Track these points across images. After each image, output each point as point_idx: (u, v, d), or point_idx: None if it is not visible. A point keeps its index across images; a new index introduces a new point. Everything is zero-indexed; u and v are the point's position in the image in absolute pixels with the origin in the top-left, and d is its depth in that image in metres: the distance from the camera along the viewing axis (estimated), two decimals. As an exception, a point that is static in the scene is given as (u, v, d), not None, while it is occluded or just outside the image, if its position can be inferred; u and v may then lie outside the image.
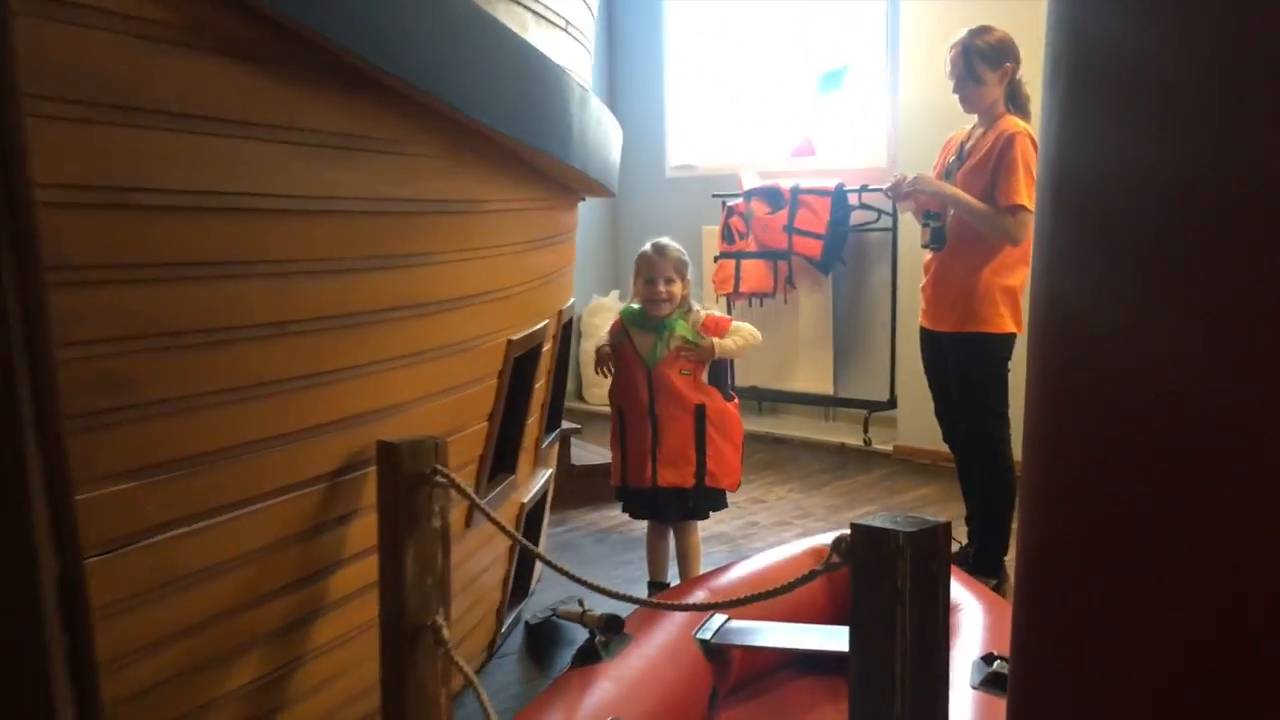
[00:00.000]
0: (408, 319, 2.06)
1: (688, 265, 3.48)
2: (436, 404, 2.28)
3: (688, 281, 3.47)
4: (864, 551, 1.47)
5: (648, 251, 3.47)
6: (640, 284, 3.46)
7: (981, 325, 3.56)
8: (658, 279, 3.41)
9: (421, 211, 1.99)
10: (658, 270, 3.41)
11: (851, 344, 6.58)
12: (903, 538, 1.44)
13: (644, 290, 3.44)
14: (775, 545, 4.39)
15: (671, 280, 3.42)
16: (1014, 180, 3.43)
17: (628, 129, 7.82)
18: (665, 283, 3.41)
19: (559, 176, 2.66)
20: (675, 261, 3.44)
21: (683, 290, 3.45)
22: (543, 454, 3.46)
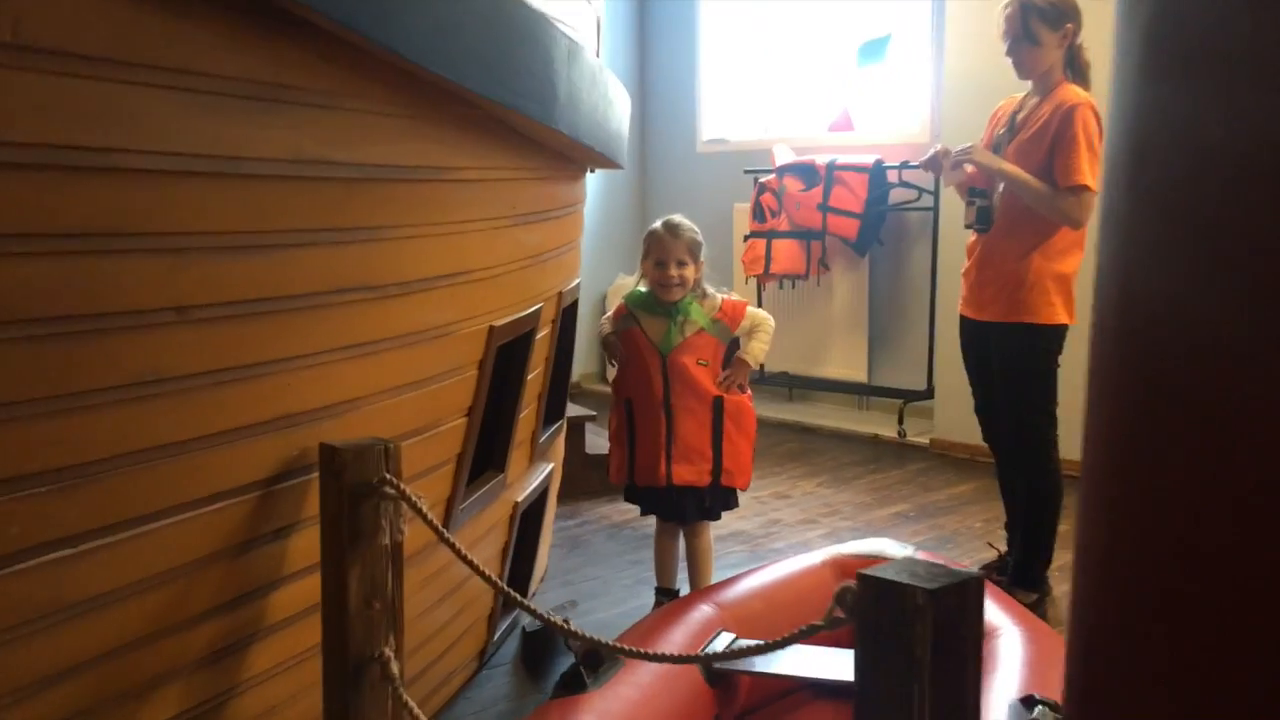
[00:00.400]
0: (355, 304, 1.78)
1: (701, 246, 3.17)
2: (399, 400, 2.00)
3: (701, 264, 3.17)
4: (874, 610, 1.17)
5: (658, 230, 3.17)
6: (649, 266, 3.16)
7: (1030, 315, 3.22)
8: (669, 261, 3.11)
9: (369, 178, 1.71)
10: (669, 251, 3.11)
11: (887, 330, 6.24)
12: (923, 595, 1.13)
13: (653, 273, 3.14)
14: (798, 546, 4.10)
15: (684, 263, 3.12)
16: (1075, 157, 3.09)
17: (659, 101, 7.54)
18: (677, 265, 3.11)
19: (549, 142, 2.36)
20: (688, 242, 3.14)
21: (696, 273, 3.14)
22: (542, 447, 3.18)
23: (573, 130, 2.19)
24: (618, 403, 3.25)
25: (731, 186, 6.81)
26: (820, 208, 6.00)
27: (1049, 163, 3.15)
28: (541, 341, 2.86)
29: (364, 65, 1.61)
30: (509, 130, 2.18)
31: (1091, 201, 3.14)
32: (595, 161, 2.93)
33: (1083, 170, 3.09)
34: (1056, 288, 3.22)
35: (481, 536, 2.74)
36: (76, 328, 1.31)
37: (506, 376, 2.65)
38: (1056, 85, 3.23)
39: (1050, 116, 3.17)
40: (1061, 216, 3.15)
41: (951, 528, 4.35)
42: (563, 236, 2.91)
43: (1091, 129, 3.13)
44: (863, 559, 2.96)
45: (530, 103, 1.93)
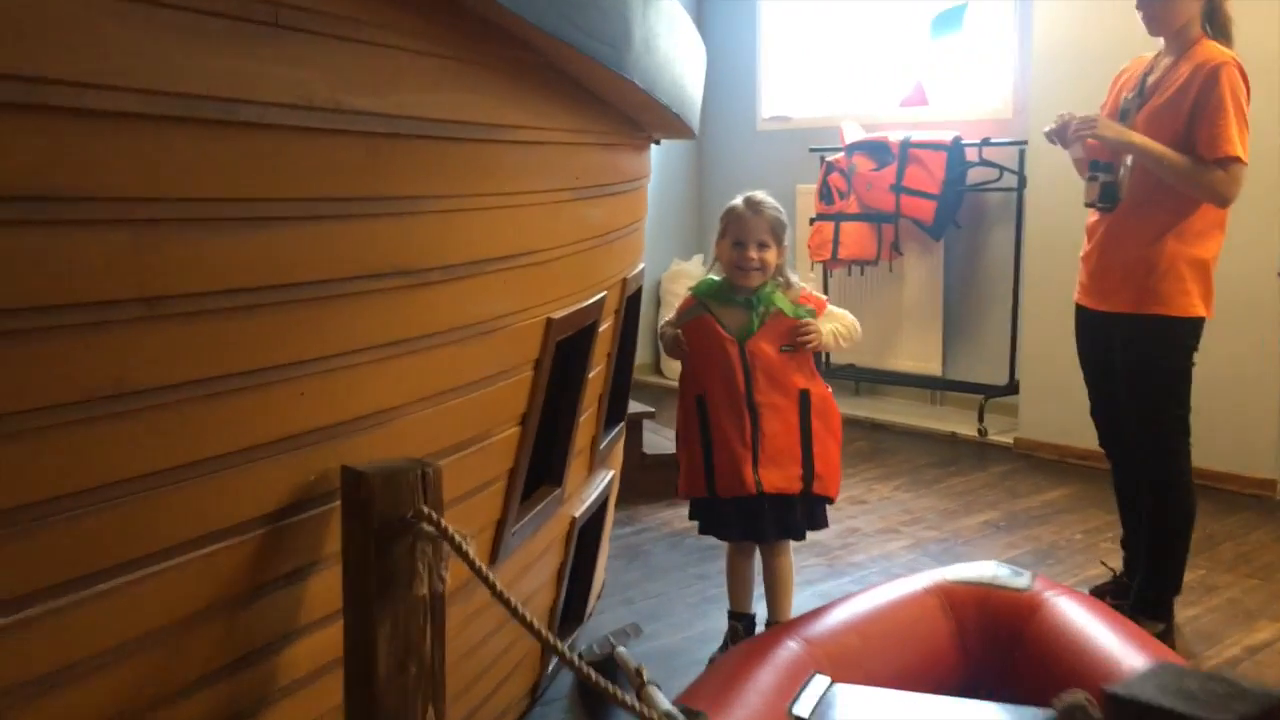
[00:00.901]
0: (386, 292, 1.42)
1: (785, 228, 2.80)
2: (441, 409, 1.64)
3: (784, 249, 2.79)
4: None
5: (738, 207, 2.79)
6: (726, 246, 2.78)
7: (1163, 306, 2.81)
8: (748, 241, 2.73)
9: (400, 133, 1.35)
10: (749, 231, 2.73)
11: (965, 320, 5.81)
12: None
13: (731, 254, 2.76)
14: (879, 560, 3.72)
15: (765, 244, 2.74)
16: (1223, 124, 2.67)
17: (716, 75, 7.08)
18: (758, 247, 2.73)
19: (617, 99, 1.99)
20: (771, 221, 2.76)
21: (778, 258, 2.77)
22: (602, 454, 2.82)
23: (648, 83, 1.81)
24: (686, 400, 2.85)
25: (795, 166, 6.41)
26: (893, 188, 5.59)
27: (1189, 131, 2.73)
28: (604, 335, 2.50)
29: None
30: (570, 83, 1.81)
31: (1241, 175, 2.72)
32: (667, 127, 2.55)
33: (1232, 139, 2.67)
34: (1193, 275, 2.80)
35: (536, 559, 2.39)
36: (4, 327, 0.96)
37: (566, 376, 2.30)
38: (1195, 42, 2.81)
39: (1190, 78, 2.75)
40: (1207, 193, 2.73)
41: (1048, 539, 3.94)
42: (628, 214, 2.54)
43: (1240, 92, 2.71)
44: (973, 587, 2.58)
45: (600, 44, 1.56)
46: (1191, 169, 2.71)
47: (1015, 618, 2.48)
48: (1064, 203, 4.79)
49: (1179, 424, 2.88)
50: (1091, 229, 3.00)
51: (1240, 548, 3.80)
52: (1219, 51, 2.75)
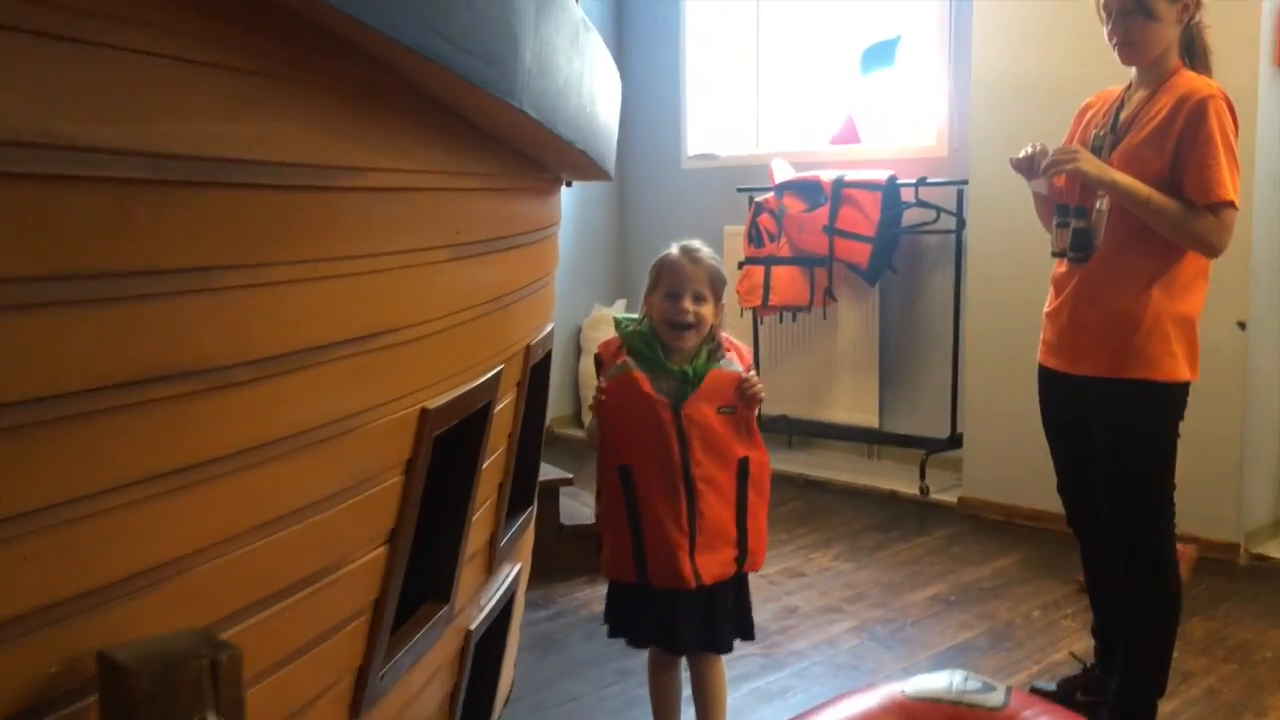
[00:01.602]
0: (163, 404, 1.00)
1: (724, 283, 2.45)
2: (259, 547, 1.21)
3: (722, 306, 2.43)
4: None
5: (673, 255, 2.42)
6: (659, 299, 2.40)
7: (1147, 369, 2.47)
8: (684, 293, 2.36)
9: (183, 180, 0.93)
10: (685, 281, 2.37)
11: (903, 369, 5.50)
12: None
13: (663, 307, 2.38)
14: (823, 647, 3.33)
15: (702, 297, 2.38)
16: (1214, 166, 2.36)
17: (639, 110, 6.75)
18: (694, 299, 2.37)
19: (507, 134, 1.59)
20: (710, 273, 2.41)
21: (714, 317, 2.40)
22: (505, 549, 2.40)
23: (544, 113, 1.42)
24: (608, 471, 2.42)
25: (722, 207, 6.07)
26: (826, 230, 5.27)
27: (1174, 172, 2.42)
28: (502, 414, 2.08)
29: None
30: (446, 112, 1.41)
31: (1234, 221, 2.41)
32: (576, 167, 2.17)
33: (1224, 182, 2.36)
34: (1179, 334, 2.48)
35: (419, 691, 1.95)
36: None
37: (452, 472, 1.88)
38: (1173, 73, 2.50)
39: (1173, 112, 2.43)
40: (1196, 241, 2.41)
41: (1004, 617, 3.59)
42: (531, 270, 2.14)
43: (1229, 128, 2.40)
44: (939, 706, 2.20)
45: (477, 62, 1.17)
46: (1181, 214, 2.39)
47: (991, 746, 2.11)
48: (1006, 246, 4.51)
49: (1163, 503, 2.55)
50: (1060, 281, 2.66)
51: (1210, 624, 3.49)
52: (1204, 83, 2.44)
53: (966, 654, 3.29)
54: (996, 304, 4.62)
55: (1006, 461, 4.58)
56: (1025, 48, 4.49)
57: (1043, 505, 4.23)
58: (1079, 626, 3.41)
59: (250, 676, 1.29)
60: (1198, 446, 3.84)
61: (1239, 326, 3.95)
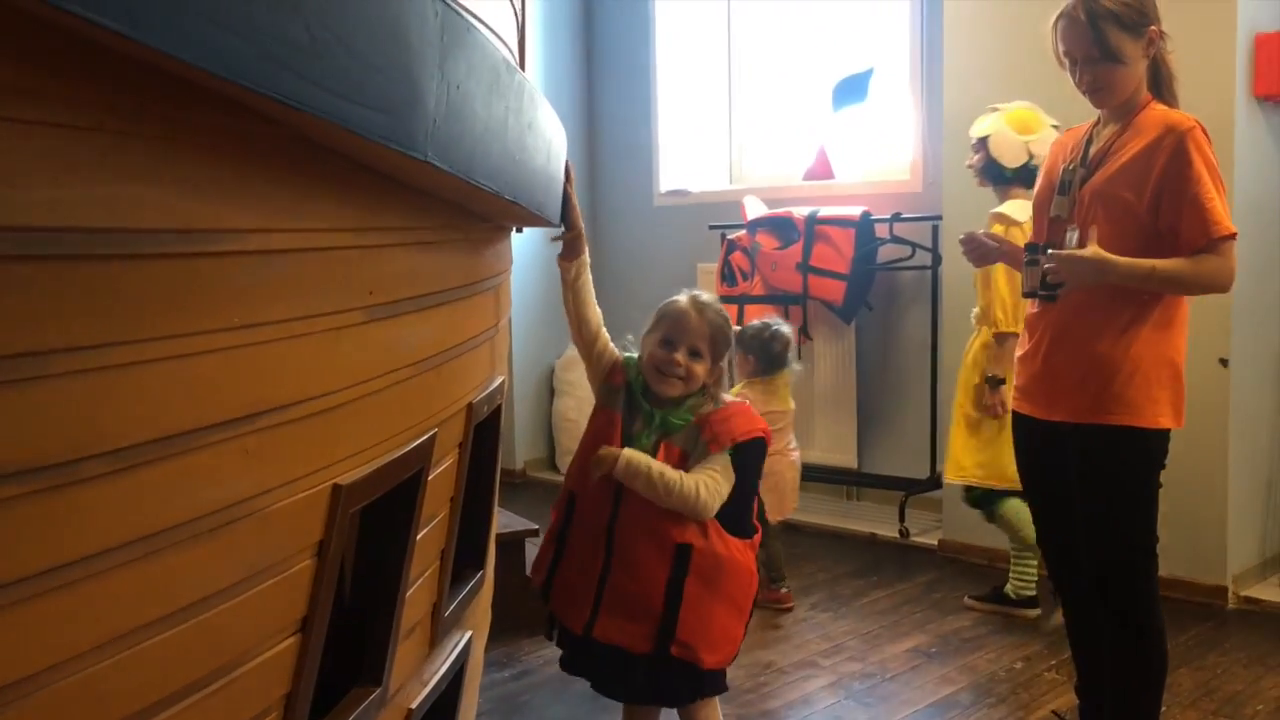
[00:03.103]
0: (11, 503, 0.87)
1: (729, 344, 2.36)
2: (136, 652, 1.08)
3: (720, 369, 2.33)
4: None
5: (680, 302, 2.35)
6: (654, 341, 2.32)
7: (1128, 415, 2.35)
8: (679, 344, 2.28)
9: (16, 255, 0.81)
10: (684, 332, 2.29)
11: (880, 408, 5.39)
12: None
13: (655, 352, 2.30)
14: (799, 707, 3.19)
15: (698, 354, 2.29)
16: (1209, 201, 2.27)
17: (610, 147, 6.66)
18: (689, 354, 2.28)
19: (424, 185, 1.47)
20: (713, 329, 2.31)
21: (708, 376, 2.30)
22: (451, 619, 2.26)
23: (458, 164, 1.30)
24: (564, 490, 2.45)
25: (695, 244, 5.97)
26: (800, 268, 5.17)
27: (1152, 211, 2.31)
28: (440, 479, 1.95)
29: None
30: (350, 166, 1.29)
31: (1234, 252, 2.31)
32: (513, 215, 2.05)
33: (1220, 217, 2.27)
34: (1160, 377, 2.36)
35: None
36: None
37: (380, 545, 1.74)
38: (1142, 106, 2.41)
39: (1149, 150, 2.33)
40: (1210, 286, 2.32)
41: (985, 669, 3.46)
42: (472, 324, 2.01)
43: (1211, 158, 2.31)
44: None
45: (367, 111, 1.05)
46: (1188, 271, 2.28)
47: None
48: (984, 283, 4.41)
49: (1146, 556, 2.42)
50: (1033, 323, 2.55)
51: (1199, 675, 3.36)
52: (1179, 116, 2.35)
53: (948, 712, 3.15)
54: (973, 341, 4.51)
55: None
56: (995, 81, 4.41)
57: (1025, 548, 4.11)
58: (1063, 680, 3.28)
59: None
60: (1182, 486, 3.73)
61: (1221, 363, 3.85)
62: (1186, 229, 2.29)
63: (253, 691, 1.36)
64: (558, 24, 6.45)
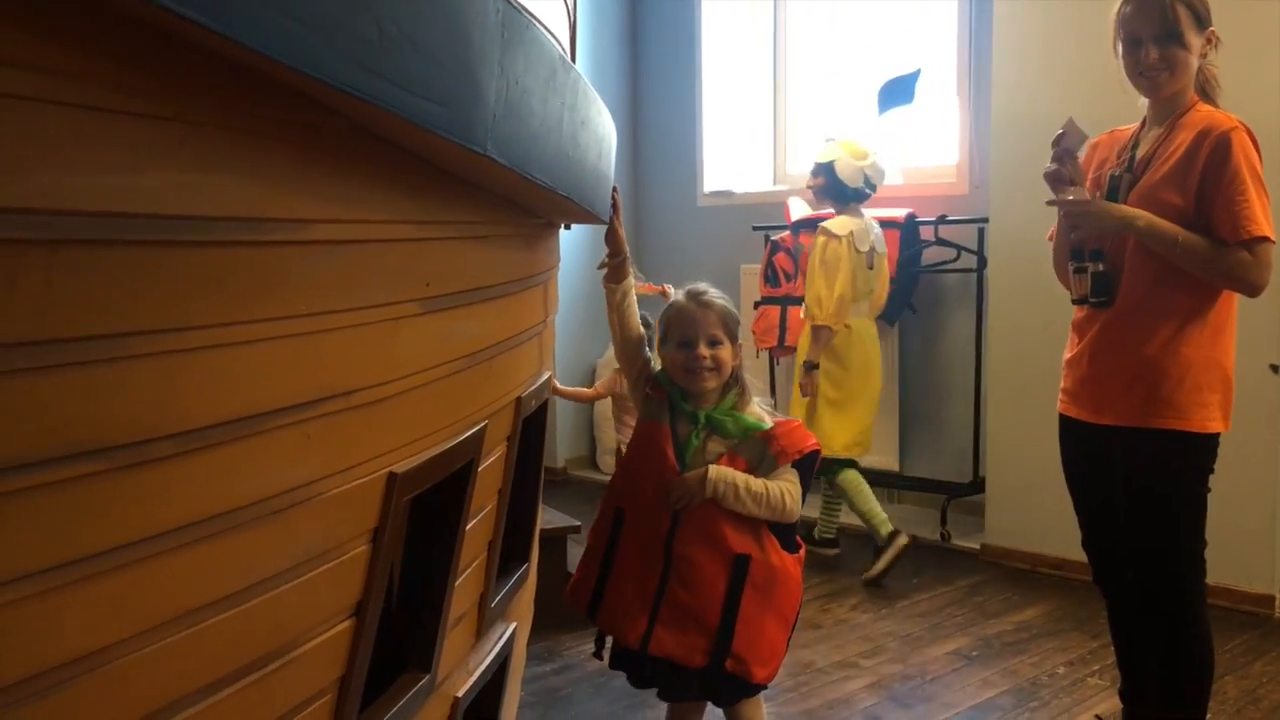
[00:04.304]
0: (65, 485, 0.90)
1: (738, 322, 2.36)
2: (200, 630, 1.11)
3: (739, 347, 2.34)
4: None
5: (679, 302, 2.36)
6: (672, 349, 2.33)
7: (1178, 420, 2.34)
8: (697, 339, 2.28)
9: (80, 238, 0.84)
10: (697, 327, 2.29)
11: (923, 411, 5.37)
12: None
13: (677, 357, 2.31)
14: (839, 706, 3.19)
15: (717, 341, 2.30)
16: (1244, 201, 2.25)
17: (654, 149, 6.69)
18: (709, 344, 2.29)
19: (478, 180, 1.50)
20: (722, 314, 2.32)
21: (733, 358, 2.32)
22: (497, 610, 2.28)
23: (516, 158, 1.32)
24: (607, 503, 2.42)
25: (738, 245, 5.97)
26: (843, 269, 5.14)
27: (1198, 211, 2.30)
28: (489, 471, 1.98)
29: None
30: (410, 160, 1.32)
31: (1270, 256, 2.29)
32: (564, 211, 2.07)
33: (1257, 217, 2.24)
34: (1210, 381, 2.35)
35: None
36: None
37: (430, 535, 1.77)
38: (1189, 108, 2.39)
39: (1193, 148, 2.32)
40: (1232, 280, 2.29)
41: (1027, 674, 3.44)
42: (520, 319, 2.04)
43: (1255, 160, 2.29)
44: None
45: (429, 104, 1.07)
46: (1212, 252, 2.27)
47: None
48: (1028, 284, 4.38)
49: (1193, 562, 2.41)
50: (1080, 326, 2.54)
51: (1244, 683, 3.33)
52: (1224, 116, 2.33)
53: (989, 715, 3.14)
54: (1019, 345, 4.49)
55: (1031, 507, 4.43)
56: (1045, 84, 4.38)
57: (1068, 554, 4.08)
58: (1107, 685, 3.26)
59: (194, 769, 1.19)
60: (1230, 494, 3.69)
61: (1271, 369, 3.80)
62: (1220, 225, 2.28)
63: (309, 673, 1.39)
64: (604, 23, 6.48)
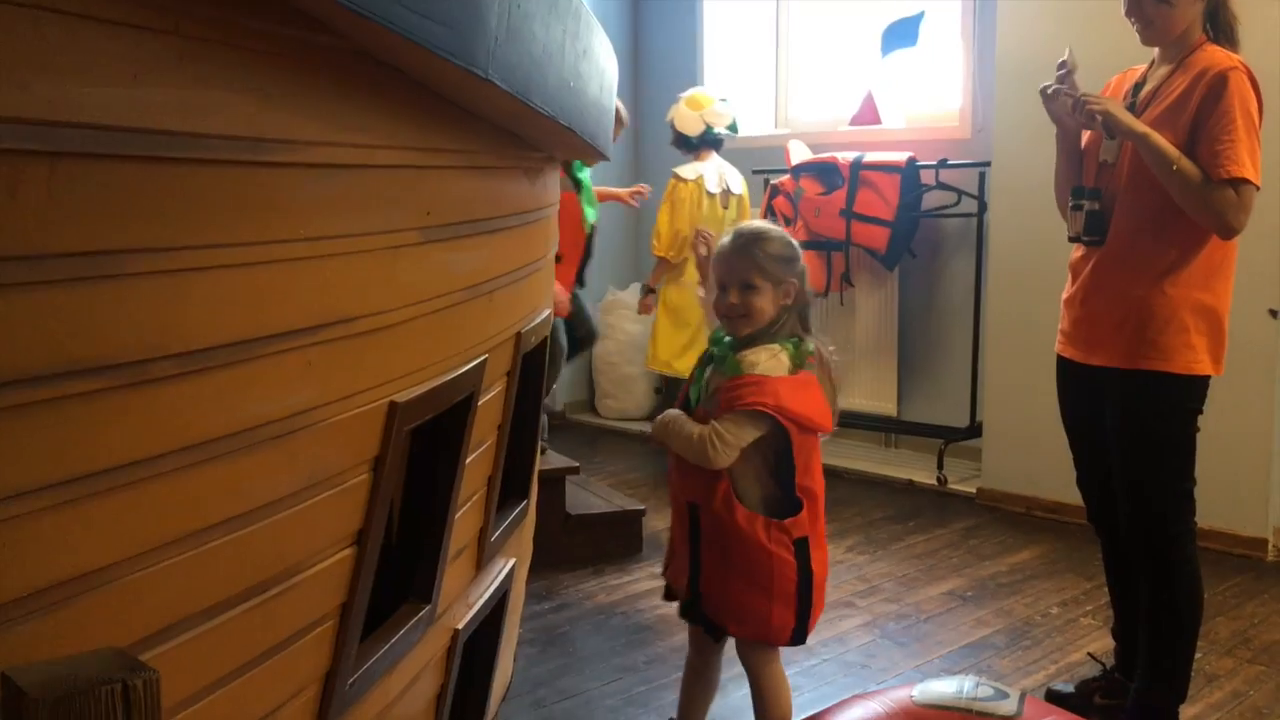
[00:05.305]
0: (69, 401, 0.90)
1: (787, 262, 2.23)
2: (202, 553, 1.12)
3: (791, 284, 2.23)
4: None
5: (722, 246, 2.29)
6: (715, 289, 2.30)
7: (1163, 361, 2.35)
8: (729, 284, 2.23)
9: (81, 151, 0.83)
10: (729, 272, 2.23)
11: (922, 356, 5.37)
12: None
13: (716, 302, 2.28)
14: (833, 644, 3.23)
15: (751, 286, 2.20)
16: (1231, 141, 2.23)
17: (654, 91, 6.62)
18: (741, 290, 2.21)
19: (478, 107, 1.48)
20: (760, 258, 2.20)
21: (777, 301, 2.21)
22: (496, 544, 2.30)
23: (518, 85, 1.31)
24: None
25: (738, 189, 5.93)
26: (843, 214, 5.14)
27: (1191, 147, 2.29)
28: (489, 406, 1.98)
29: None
30: (410, 85, 1.31)
31: (1252, 201, 2.28)
32: (564, 145, 2.06)
33: (1240, 159, 2.23)
34: (1198, 324, 2.35)
35: (400, 695, 1.86)
36: None
37: (430, 466, 1.78)
38: (1195, 48, 2.37)
39: (1191, 86, 2.30)
40: (1211, 217, 2.28)
41: (1021, 614, 3.47)
42: (520, 254, 2.03)
43: (1250, 102, 2.27)
44: (947, 714, 2.09)
45: (432, 25, 1.06)
46: (1202, 185, 2.26)
47: (1002, 756, 2.00)
48: (1029, 230, 4.37)
49: (1181, 501, 2.42)
50: (1076, 267, 2.53)
51: (1235, 624, 3.36)
52: (1224, 56, 2.31)
53: (982, 653, 3.17)
54: (1019, 290, 4.49)
55: (1027, 451, 4.45)
56: (1051, 26, 4.33)
57: (1064, 497, 4.11)
58: (1099, 625, 3.30)
59: (198, 690, 1.20)
60: (1225, 438, 3.71)
61: (1270, 314, 3.80)
62: (1202, 160, 2.27)
63: (311, 599, 1.40)
64: (604, -36, 6.39)
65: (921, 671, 3.02)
